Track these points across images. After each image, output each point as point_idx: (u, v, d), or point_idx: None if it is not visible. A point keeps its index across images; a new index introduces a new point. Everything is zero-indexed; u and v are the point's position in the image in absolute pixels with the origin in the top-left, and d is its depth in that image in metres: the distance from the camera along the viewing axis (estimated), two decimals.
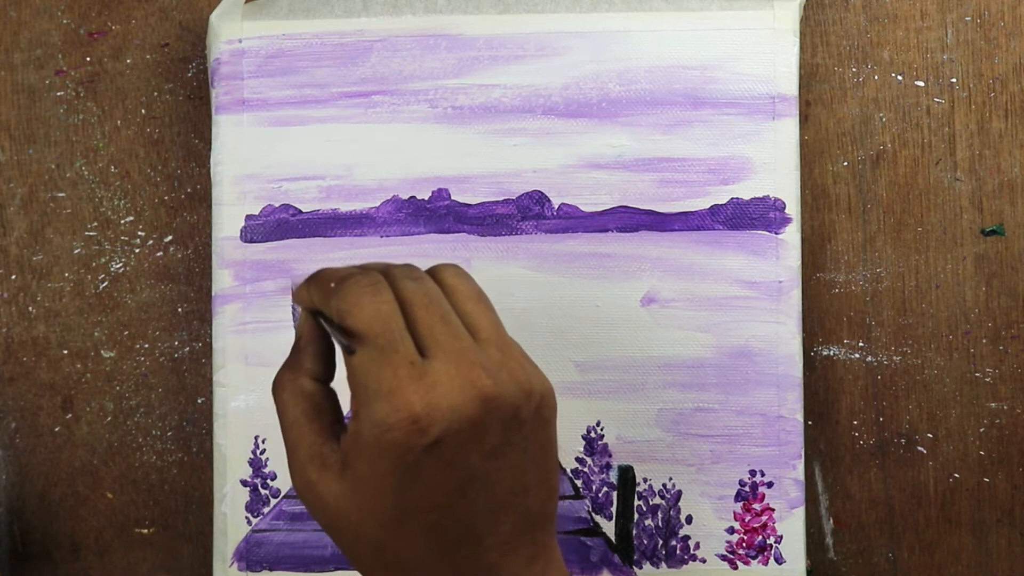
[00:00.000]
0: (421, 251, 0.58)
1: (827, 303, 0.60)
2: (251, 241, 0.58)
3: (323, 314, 0.42)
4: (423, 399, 0.38)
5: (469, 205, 0.58)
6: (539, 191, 0.58)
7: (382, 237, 0.58)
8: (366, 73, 0.58)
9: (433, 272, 0.43)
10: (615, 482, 0.57)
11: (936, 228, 0.60)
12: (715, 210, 0.58)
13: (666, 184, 0.58)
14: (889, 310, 0.60)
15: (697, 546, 0.57)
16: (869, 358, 0.60)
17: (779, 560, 0.57)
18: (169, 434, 0.61)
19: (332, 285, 0.41)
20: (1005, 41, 0.60)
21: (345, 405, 0.42)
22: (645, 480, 0.57)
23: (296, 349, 0.43)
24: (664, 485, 0.57)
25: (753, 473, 0.57)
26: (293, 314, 0.56)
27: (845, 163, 0.61)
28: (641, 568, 0.57)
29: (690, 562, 0.57)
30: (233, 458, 0.58)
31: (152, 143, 0.61)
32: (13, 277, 0.61)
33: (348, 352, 0.40)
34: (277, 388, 0.43)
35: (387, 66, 0.58)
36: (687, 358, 0.58)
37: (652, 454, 0.57)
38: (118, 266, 0.61)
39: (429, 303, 0.40)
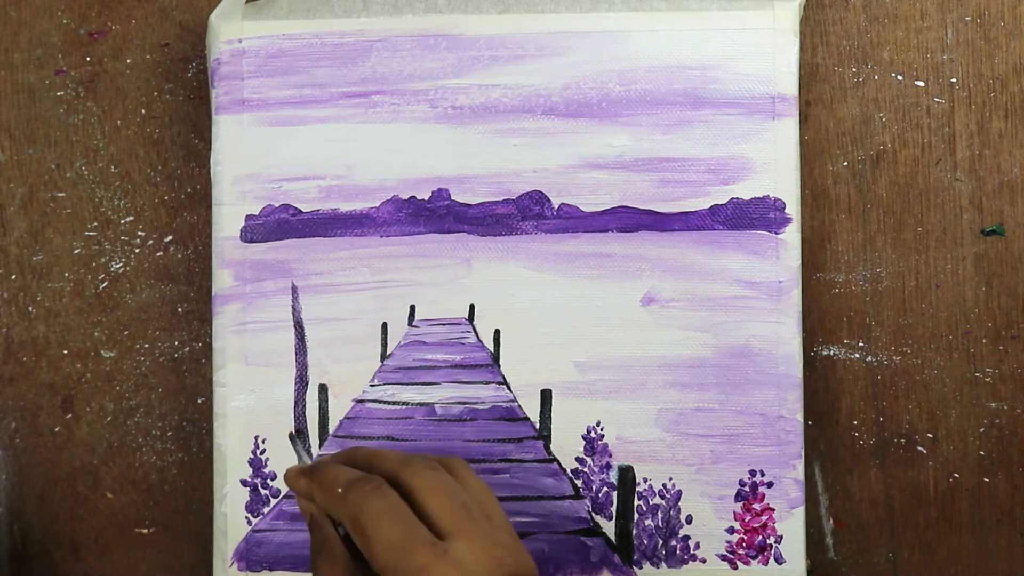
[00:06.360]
0: (421, 251, 0.58)
1: (827, 303, 0.60)
2: (251, 241, 0.58)
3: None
4: (454, 572, 0.42)
5: (469, 205, 0.58)
6: (539, 191, 0.58)
7: (382, 237, 0.58)
8: (366, 73, 0.58)
9: (443, 463, 0.47)
10: (615, 482, 0.57)
11: (936, 228, 0.60)
12: (715, 210, 0.58)
13: (666, 184, 0.58)
14: (889, 310, 0.60)
15: (697, 546, 0.57)
16: (869, 358, 0.60)
17: (779, 560, 0.57)
18: (169, 434, 0.61)
19: (339, 491, 0.44)
20: (1005, 41, 0.60)
21: None
22: (645, 480, 0.57)
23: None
24: (664, 485, 0.57)
25: (753, 473, 0.57)
26: (293, 310, 0.56)
27: (845, 163, 0.61)
28: (641, 568, 0.57)
29: (690, 562, 0.57)
30: (233, 458, 0.58)
31: (152, 143, 0.61)
32: (13, 277, 0.61)
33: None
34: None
35: (387, 66, 0.58)
36: (687, 358, 0.58)
37: (652, 454, 0.57)
38: (118, 266, 0.61)
39: (450, 491, 0.45)
